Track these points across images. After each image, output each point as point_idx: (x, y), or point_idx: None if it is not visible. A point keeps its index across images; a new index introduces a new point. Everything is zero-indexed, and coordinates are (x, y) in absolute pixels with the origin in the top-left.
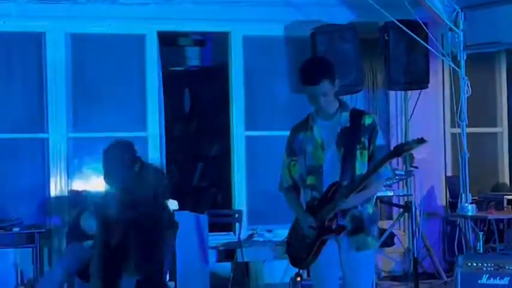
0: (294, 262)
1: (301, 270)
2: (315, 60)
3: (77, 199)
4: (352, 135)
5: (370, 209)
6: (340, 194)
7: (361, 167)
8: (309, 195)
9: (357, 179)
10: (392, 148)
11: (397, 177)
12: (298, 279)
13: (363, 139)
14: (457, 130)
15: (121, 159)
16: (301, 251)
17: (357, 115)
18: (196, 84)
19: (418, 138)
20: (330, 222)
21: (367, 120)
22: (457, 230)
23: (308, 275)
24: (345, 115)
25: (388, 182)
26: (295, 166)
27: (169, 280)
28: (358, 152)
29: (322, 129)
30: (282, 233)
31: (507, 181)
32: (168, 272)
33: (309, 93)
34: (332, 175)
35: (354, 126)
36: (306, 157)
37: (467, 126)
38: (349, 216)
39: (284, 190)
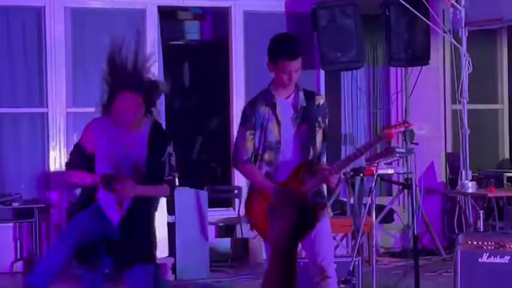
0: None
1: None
2: (291, 36)
3: None
4: (310, 114)
5: None
6: (331, 170)
7: (320, 144)
8: (263, 170)
9: (346, 157)
10: (381, 131)
11: (398, 154)
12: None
13: (318, 118)
14: (457, 107)
15: None
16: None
17: (310, 95)
18: (196, 59)
19: (403, 121)
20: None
21: (321, 101)
22: (457, 206)
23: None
24: (301, 94)
25: (389, 160)
26: (252, 140)
27: (169, 256)
28: (316, 130)
29: (281, 106)
30: None
31: (507, 158)
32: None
33: (284, 68)
34: (288, 152)
35: (310, 105)
36: (265, 132)
37: (468, 102)
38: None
39: (246, 162)
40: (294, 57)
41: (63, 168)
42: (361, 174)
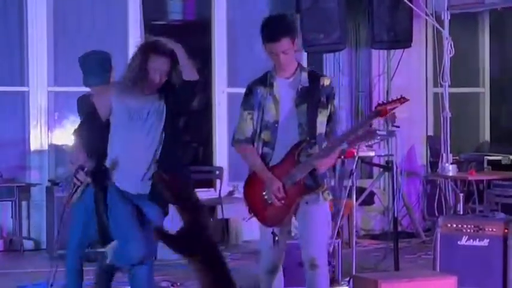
0: (273, 224)
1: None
2: (275, 18)
3: (57, 153)
4: (312, 94)
5: None
6: (321, 153)
7: (320, 125)
8: (260, 150)
9: (334, 138)
10: (374, 108)
11: (379, 137)
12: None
13: (322, 98)
14: (439, 90)
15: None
16: (280, 212)
17: (315, 76)
18: (178, 38)
19: (400, 97)
20: (303, 181)
21: (326, 82)
22: (437, 189)
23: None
24: (304, 75)
25: (370, 142)
26: (251, 120)
27: None
28: (318, 111)
29: (281, 86)
30: None
31: (487, 141)
32: None
33: (270, 50)
34: (286, 132)
35: (313, 86)
36: (263, 112)
37: (450, 86)
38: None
39: (241, 142)
40: (275, 39)
41: (44, 147)
42: (342, 156)
